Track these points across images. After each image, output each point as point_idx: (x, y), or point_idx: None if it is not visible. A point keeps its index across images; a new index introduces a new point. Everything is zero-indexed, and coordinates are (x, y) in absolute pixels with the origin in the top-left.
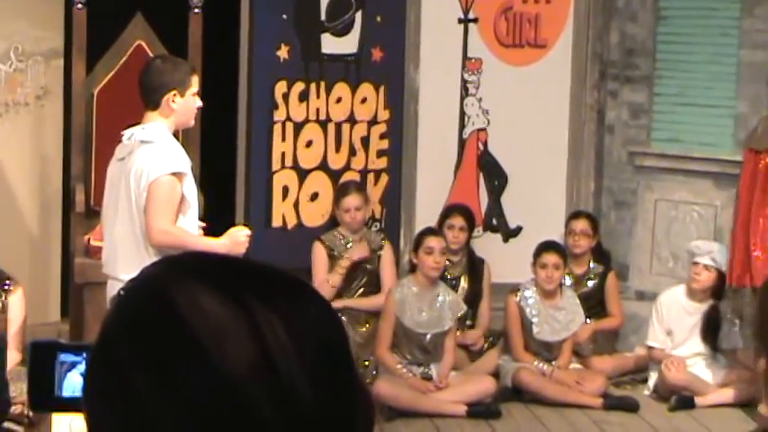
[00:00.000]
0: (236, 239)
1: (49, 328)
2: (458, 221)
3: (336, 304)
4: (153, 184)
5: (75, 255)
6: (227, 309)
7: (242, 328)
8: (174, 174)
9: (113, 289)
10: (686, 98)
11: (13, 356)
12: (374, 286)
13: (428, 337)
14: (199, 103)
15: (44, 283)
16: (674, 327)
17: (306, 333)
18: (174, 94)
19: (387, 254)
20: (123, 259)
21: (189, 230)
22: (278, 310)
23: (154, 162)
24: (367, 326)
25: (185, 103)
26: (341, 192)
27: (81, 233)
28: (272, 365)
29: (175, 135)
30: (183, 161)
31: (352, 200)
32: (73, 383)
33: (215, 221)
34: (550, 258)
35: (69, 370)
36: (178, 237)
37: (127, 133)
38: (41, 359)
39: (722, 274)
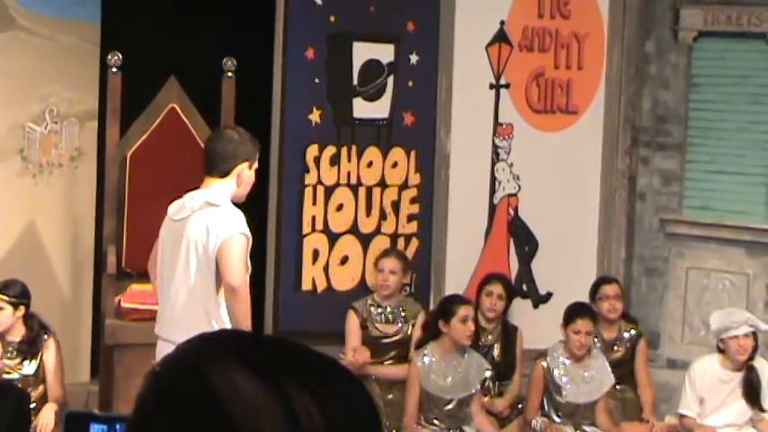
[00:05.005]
0: None
1: (78, 389)
2: (497, 289)
3: (364, 372)
4: (226, 241)
5: (105, 316)
6: (261, 389)
7: (276, 408)
8: (243, 234)
9: (164, 351)
10: (718, 166)
11: (59, 395)
12: (405, 354)
13: (453, 402)
14: (253, 178)
15: (74, 343)
16: (707, 395)
17: (338, 415)
18: (246, 166)
19: (419, 322)
20: (181, 322)
21: None
22: (311, 391)
23: (224, 223)
24: (391, 394)
25: (250, 177)
26: (382, 254)
27: (112, 294)
28: None
29: None
30: (246, 225)
31: (388, 262)
32: None
33: None
34: (585, 325)
35: None
36: (247, 295)
37: (189, 195)
38: (75, 429)
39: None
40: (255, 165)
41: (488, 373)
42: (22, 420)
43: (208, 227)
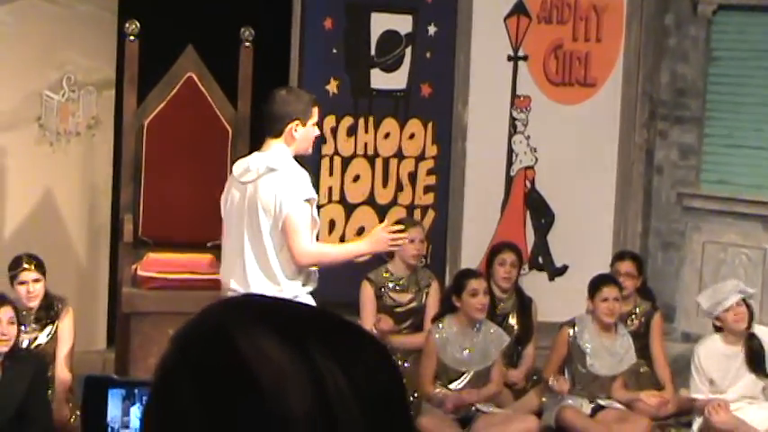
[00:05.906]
0: (378, 238)
1: (95, 356)
2: (510, 257)
3: (384, 341)
4: (290, 213)
5: (122, 284)
6: (289, 354)
7: (302, 374)
8: (305, 200)
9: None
10: (736, 140)
11: (66, 375)
12: (419, 323)
13: (470, 374)
14: (317, 132)
15: (91, 311)
16: (716, 375)
17: (364, 382)
18: (297, 124)
19: (433, 292)
20: (255, 279)
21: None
22: (338, 357)
23: (286, 191)
24: (407, 362)
25: (306, 133)
26: (406, 225)
27: (129, 263)
28: (331, 413)
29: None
30: (309, 186)
31: (416, 231)
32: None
33: None
34: (611, 292)
35: (132, 405)
36: (321, 254)
37: (252, 157)
38: (95, 393)
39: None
40: (313, 120)
41: (507, 343)
42: (40, 386)
43: (275, 194)
